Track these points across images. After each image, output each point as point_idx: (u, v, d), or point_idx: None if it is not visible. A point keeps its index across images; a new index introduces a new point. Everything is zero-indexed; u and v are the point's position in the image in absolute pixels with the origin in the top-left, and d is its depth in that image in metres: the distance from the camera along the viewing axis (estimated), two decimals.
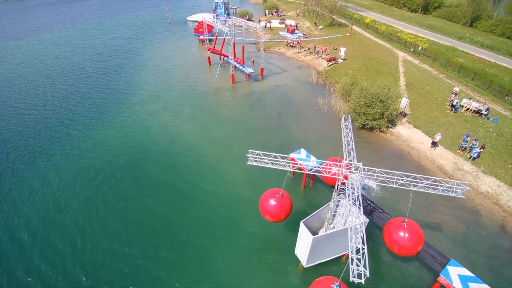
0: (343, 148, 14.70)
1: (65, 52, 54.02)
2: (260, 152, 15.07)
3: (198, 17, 75.19)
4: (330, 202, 15.00)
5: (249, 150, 15.43)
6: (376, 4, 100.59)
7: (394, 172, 13.01)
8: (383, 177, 12.94)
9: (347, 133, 15.50)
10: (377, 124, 27.51)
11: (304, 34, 58.63)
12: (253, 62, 41.06)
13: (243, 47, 40.03)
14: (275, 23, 69.05)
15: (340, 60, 43.87)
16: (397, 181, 12.73)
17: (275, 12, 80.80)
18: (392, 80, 37.38)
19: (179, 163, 24.44)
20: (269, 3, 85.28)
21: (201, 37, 55.58)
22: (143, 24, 74.52)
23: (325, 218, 16.33)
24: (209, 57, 44.66)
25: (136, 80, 40.44)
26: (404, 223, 13.12)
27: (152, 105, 33.43)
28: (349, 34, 56.74)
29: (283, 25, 66.16)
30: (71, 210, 20.29)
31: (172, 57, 49.46)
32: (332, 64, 43.27)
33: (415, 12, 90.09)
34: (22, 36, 66.28)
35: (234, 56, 39.78)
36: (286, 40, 53.07)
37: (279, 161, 14.50)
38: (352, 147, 14.59)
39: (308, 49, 49.74)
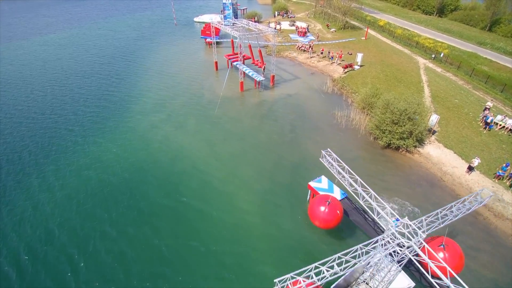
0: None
1: (68, 53, 51.93)
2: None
3: (206, 18, 72.68)
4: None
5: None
6: (389, 6, 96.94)
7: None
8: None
9: (337, 171, 13.46)
10: (404, 144, 24.63)
11: (317, 37, 55.67)
12: (263, 69, 38.31)
13: (260, 50, 37.79)
14: (285, 25, 66.15)
15: (356, 67, 40.90)
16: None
17: (285, 13, 77.86)
18: (414, 91, 34.36)
19: (182, 185, 21.86)
20: (278, 4, 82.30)
21: (208, 39, 53.03)
22: (149, 25, 72.22)
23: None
24: (216, 62, 42.03)
25: (139, 85, 38.01)
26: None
27: (155, 114, 30.93)
28: (364, 38, 53.62)
29: (293, 27, 63.29)
30: (64, 240, 17.88)
31: (177, 60, 46.93)
32: (348, 71, 40.34)
33: (430, 15, 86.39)
34: (26, 36, 64.46)
35: (254, 59, 39.03)
36: (298, 44, 50.21)
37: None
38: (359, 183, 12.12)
39: (322, 52, 46.82)
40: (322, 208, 15.72)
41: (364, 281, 13.16)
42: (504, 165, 21.23)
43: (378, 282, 12.06)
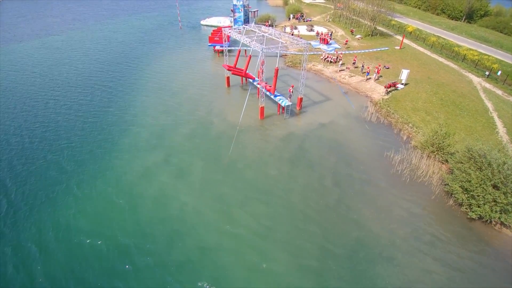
0: None
1: (63, 59, 44.51)
2: None
3: (213, 21, 64.18)
4: None
5: None
6: (410, 10, 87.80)
7: None
8: None
9: None
10: (507, 219, 16.28)
11: (345, 42, 47.03)
12: (291, 92, 28.73)
13: (277, 70, 27.12)
14: (302, 30, 57.56)
15: (400, 86, 32.45)
16: None
17: (300, 17, 69.16)
18: (484, 123, 25.88)
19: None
20: (293, 7, 73.56)
21: (217, 47, 44.67)
22: (153, 28, 63.73)
23: None
24: (228, 77, 33.72)
25: (134, 106, 29.71)
26: None
27: (150, 153, 22.66)
28: (398, 48, 45.02)
29: (312, 33, 54.70)
30: None
31: (181, 73, 38.41)
32: (391, 91, 31.91)
33: (457, 20, 77.35)
34: (24, 38, 56.56)
35: (261, 80, 27.31)
36: (323, 54, 41.63)
37: None
38: None
39: (354, 63, 38.24)
40: None
41: None
42: None
43: None
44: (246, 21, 61.76)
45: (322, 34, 51.92)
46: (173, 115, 27.91)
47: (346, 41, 49.14)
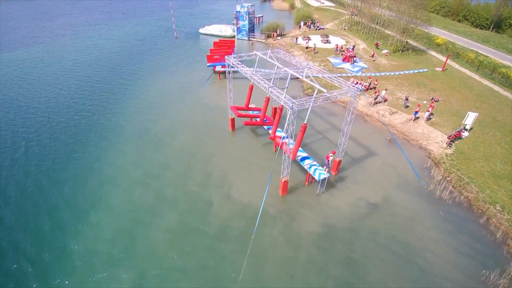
0: None
1: (43, 76, 35.57)
2: None
3: (214, 29, 54.38)
4: None
5: None
6: (431, 16, 78.15)
7: None
8: None
9: None
10: None
11: (371, 55, 37.69)
12: (329, 160, 18.53)
13: (304, 127, 16.23)
14: (316, 40, 48.07)
15: (465, 134, 23.43)
16: None
17: (312, 24, 59.51)
18: None
19: None
20: (302, 12, 63.75)
21: (218, 68, 35.31)
22: (146, 37, 53.86)
23: None
24: (232, 119, 24.35)
25: (96, 178, 19.91)
26: None
27: (115, 272, 13.81)
28: (439, 69, 35.83)
29: (329, 45, 45.25)
30: None
31: (170, 108, 28.57)
32: (453, 140, 22.87)
33: (482, 29, 67.94)
34: (7, 48, 47.23)
35: (286, 145, 16.88)
36: (351, 80, 32.26)
37: None
38: None
39: (386, 91, 28.88)
40: None
41: None
42: None
43: None
44: (251, 30, 52.10)
45: (341, 47, 42.55)
46: (152, 191, 18.31)
47: (373, 53, 40.00)
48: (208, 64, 35.13)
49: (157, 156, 21.52)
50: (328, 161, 18.08)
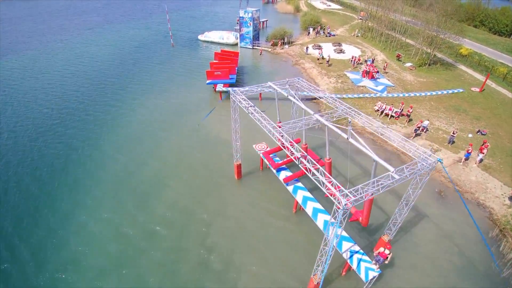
0: None
1: (18, 93, 29.59)
2: None
3: (214, 36, 48.61)
4: None
5: None
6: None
7: None
8: None
9: None
10: None
11: (384, 68, 32.22)
12: (386, 259, 12.10)
13: (371, 202, 10.90)
14: (329, 49, 42.44)
15: None
16: None
17: (321, 30, 53.79)
18: None
19: None
20: (310, 16, 57.93)
21: (219, 87, 29.52)
22: (141, 44, 47.96)
23: None
24: (239, 165, 18.30)
25: (58, 261, 14.83)
26: None
27: None
28: (477, 90, 30.34)
29: (343, 56, 39.65)
30: None
31: (159, 145, 22.73)
32: None
33: (501, 35, 62.38)
34: None
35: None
36: (377, 104, 26.67)
37: None
38: None
39: (421, 123, 23.15)
40: None
41: None
42: None
43: None
44: (256, 37, 46.38)
45: (359, 59, 36.92)
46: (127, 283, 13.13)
47: (386, 65, 34.80)
48: (208, 82, 29.49)
49: (139, 220, 15.93)
50: (383, 258, 12.25)
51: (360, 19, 62.53)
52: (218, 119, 25.48)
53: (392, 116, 24.97)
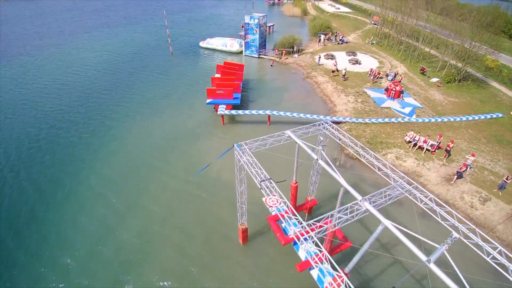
0: None
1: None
2: None
3: (217, 43, 44.27)
4: None
5: None
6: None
7: None
8: None
9: None
10: None
11: (399, 80, 27.67)
12: None
13: None
14: (343, 59, 37.88)
15: None
16: None
17: (332, 36, 49.07)
18: None
19: None
20: (320, 21, 53.11)
21: (220, 110, 24.59)
22: (138, 51, 43.73)
23: None
24: (245, 230, 13.84)
25: None
26: None
27: None
28: None
29: (360, 68, 35.04)
30: None
31: (143, 193, 18.22)
32: None
33: None
34: None
35: None
36: (409, 134, 22.08)
37: None
38: None
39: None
40: None
41: None
42: None
43: None
44: (263, 45, 41.97)
45: (378, 73, 32.33)
46: None
47: (401, 78, 30.50)
48: (208, 101, 25.21)
49: None
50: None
51: (374, 24, 57.77)
52: (217, 148, 21.17)
53: (427, 149, 20.55)
